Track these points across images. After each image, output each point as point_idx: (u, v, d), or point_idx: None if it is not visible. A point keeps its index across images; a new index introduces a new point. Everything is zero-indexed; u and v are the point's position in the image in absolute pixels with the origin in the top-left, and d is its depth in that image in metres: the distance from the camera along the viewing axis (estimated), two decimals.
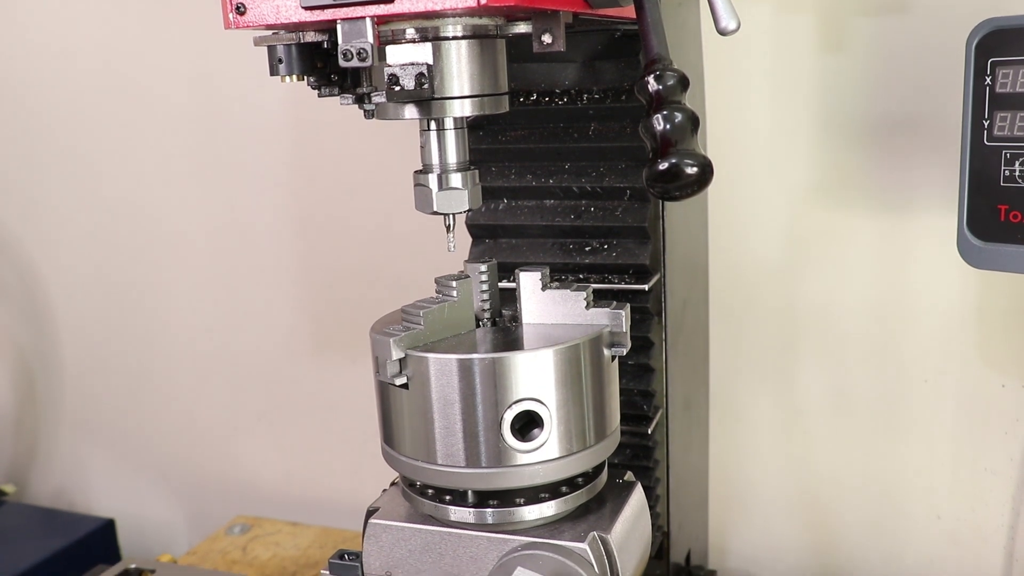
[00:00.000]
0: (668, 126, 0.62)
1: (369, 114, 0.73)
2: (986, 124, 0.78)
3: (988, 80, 0.78)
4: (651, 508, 0.84)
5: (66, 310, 1.67)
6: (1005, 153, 0.78)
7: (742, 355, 1.23)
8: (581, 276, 0.89)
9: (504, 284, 0.81)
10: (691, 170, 0.63)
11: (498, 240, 0.93)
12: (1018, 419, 1.15)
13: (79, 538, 1.47)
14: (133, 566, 1.16)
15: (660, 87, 0.63)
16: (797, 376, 1.22)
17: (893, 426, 1.20)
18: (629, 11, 0.68)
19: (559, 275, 0.88)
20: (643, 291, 0.88)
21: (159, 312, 1.59)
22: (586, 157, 0.89)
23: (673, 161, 0.62)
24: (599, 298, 0.75)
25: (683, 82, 0.64)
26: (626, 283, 0.88)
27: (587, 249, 0.90)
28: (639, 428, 0.91)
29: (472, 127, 0.87)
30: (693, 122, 0.63)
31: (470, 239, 0.95)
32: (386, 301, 0.81)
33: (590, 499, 0.76)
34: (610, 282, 0.89)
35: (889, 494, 1.23)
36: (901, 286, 1.16)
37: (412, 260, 1.35)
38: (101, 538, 1.50)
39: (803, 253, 1.18)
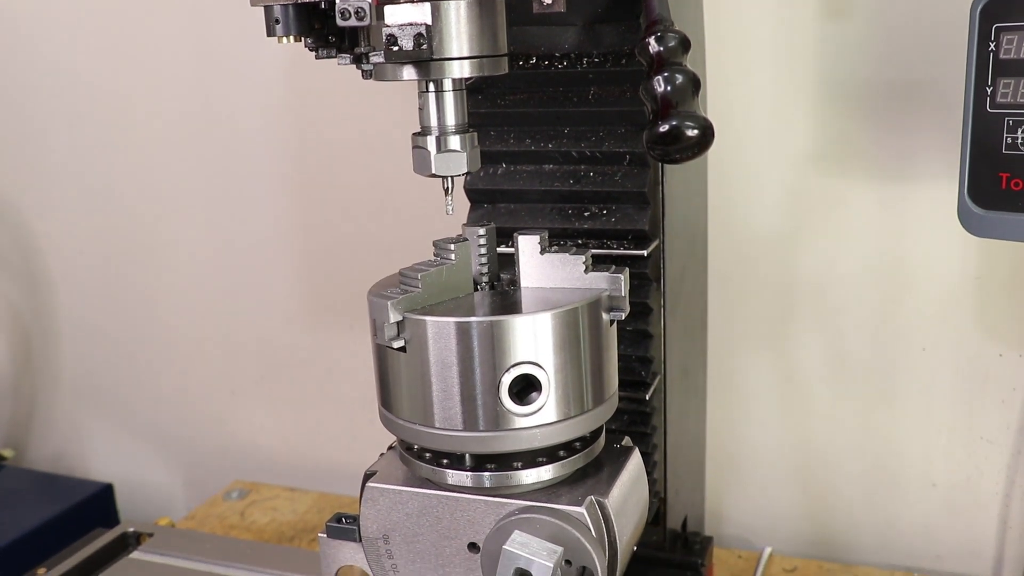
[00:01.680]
0: (669, 87, 0.62)
1: (367, 75, 0.72)
2: (989, 91, 0.78)
3: (992, 46, 0.77)
4: (648, 474, 0.84)
5: (63, 276, 1.67)
6: (1008, 120, 0.77)
7: (740, 322, 1.23)
8: (580, 241, 0.89)
9: (502, 249, 0.81)
10: (692, 132, 0.62)
11: (496, 205, 0.93)
12: (1015, 388, 1.16)
13: (77, 502, 1.48)
14: (131, 530, 1.16)
15: (661, 48, 0.63)
16: (795, 344, 1.22)
17: (890, 394, 1.21)
18: None
19: (558, 240, 0.87)
20: (642, 257, 0.87)
21: (156, 278, 1.59)
22: (585, 121, 0.88)
23: (673, 123, 0.62)
24: (598, 263, 0.75)
25: (684, 44, 0.64)
26: (625, 249, 0.88)
27: (586, 214, 0.90)
28: (637, 394, 0.91)
29: (471, 91, 0.86)
30: (694, 84, 0.63)
31: (468, 204, 0.94)
32: (383, 267, 0.80)
33: (588, 464, 0.76)
34: (609, 247, 0.88)
35: (885, 462, 1.24)
36: (900, 254, 1.15)
37: (410, 226, 1.35)
38: (99, 503, 1.51)
39: (802, 221, 1.18)
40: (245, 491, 1.50)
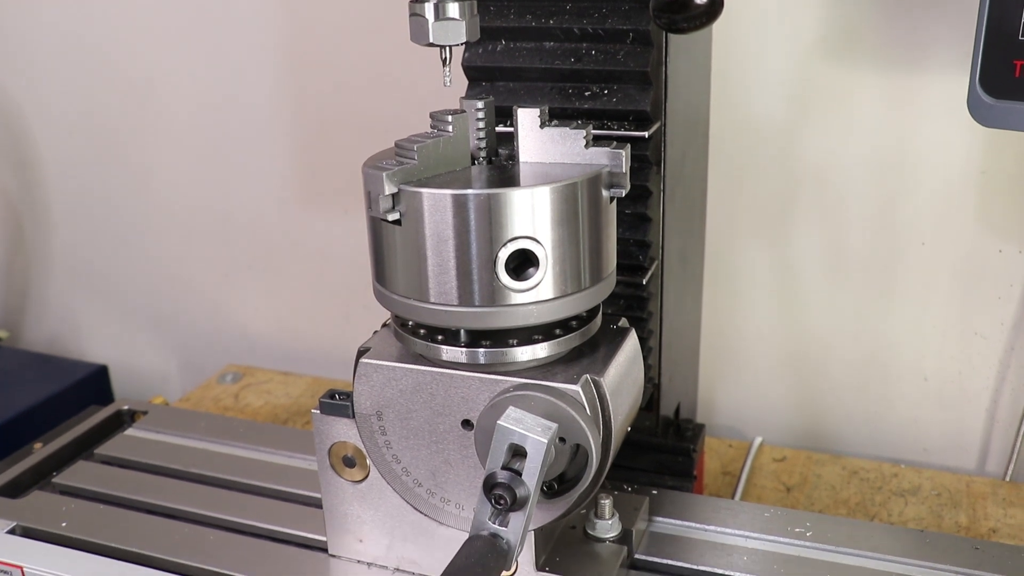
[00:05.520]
0: None
1: None
2: None
3: None
4: (643, 359, 0.83)
5: (52, 156, 1.64)
6: None
7: (739, 211, 1.22)
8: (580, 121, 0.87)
9: (501, 128, 0.79)
10: (699, 0, 0.60)
11: (495, 83, 0.90)
12: (1012, 284, 1.15)
13: (73, 383, 1.48)
14: (126, 407, 1.17)
15: None
16: (794, 234, 1.21)
17: (887, 288, 1.20)
18: None
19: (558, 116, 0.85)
20: (643, 138, 0.85)
21: (147, 159, 1.57)
22: None
23: None
24: (598, 142, 0.73)
25: None
26: (625, 130, 0.86)
27: (586, 94, 0.87)
28: (634, 278, 0.90)
29: None
30: None
31: (466, 82, 0.92)
32: (379, 148, 0.78)
33: (583, 343, 0.75)
34: (609, 128, 0.86)
35: (878, 355, 1.24)
36: (905, 147, 1.14)
37: (406, 106, 1.32)
38: (95, 383, 1.52)
39: (806, 109, 1.16)
40: (239, 374, 1.51)
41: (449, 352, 0.72)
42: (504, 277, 0.68)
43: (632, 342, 0.80)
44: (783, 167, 1.19)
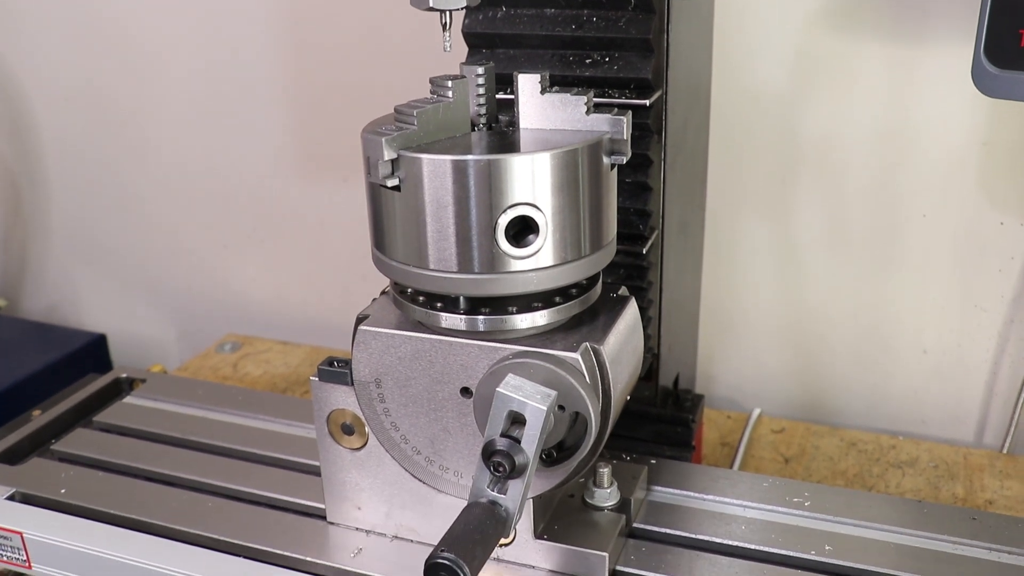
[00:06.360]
0: None
1: None
2: None
3: None
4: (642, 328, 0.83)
5: (50, 125, 1.63)
6: None
7: (740, 182, 1.22)
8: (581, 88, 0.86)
9: (501, 96, 0.79)
10: None
11: (495, 50, 0.90)
12: (1013, 256, 1.15)
13: (72, 351, 1.48)
14: (124, 375, 1.17)
15: None
16: (794, 206, 1.21)
17: (887, 260, 1.20)
18: None
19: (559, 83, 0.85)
20: (644, 107, 0.85)
21: (146, 127, 1.56)
22: None
23: None
24: (599, 111, 0.73)
25: None
26: (626, 98, 0.85)
27: (587, 61, 0.87)
28: (634, 248, 0.90)
29: None
30: None
31: (467, 50, 0.91)
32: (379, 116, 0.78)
33: (583, 311, 0.75)
34: (610, 96, 0.86)
35: (878, 327, 1.24)
36: (906, 117, 1.13)
37: (405, 73, 1.31)
38: (94, 352, 1.52)
39: (808, 80, 1.15)
40: (238, 344, 1.51)
41: (448, 319, 0.72)
42: (504, 244, 0.67)
43: (632, 311, 0.80)
44: (784, 138, 1.18)
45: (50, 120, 1.62)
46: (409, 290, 0.75)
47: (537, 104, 0.72)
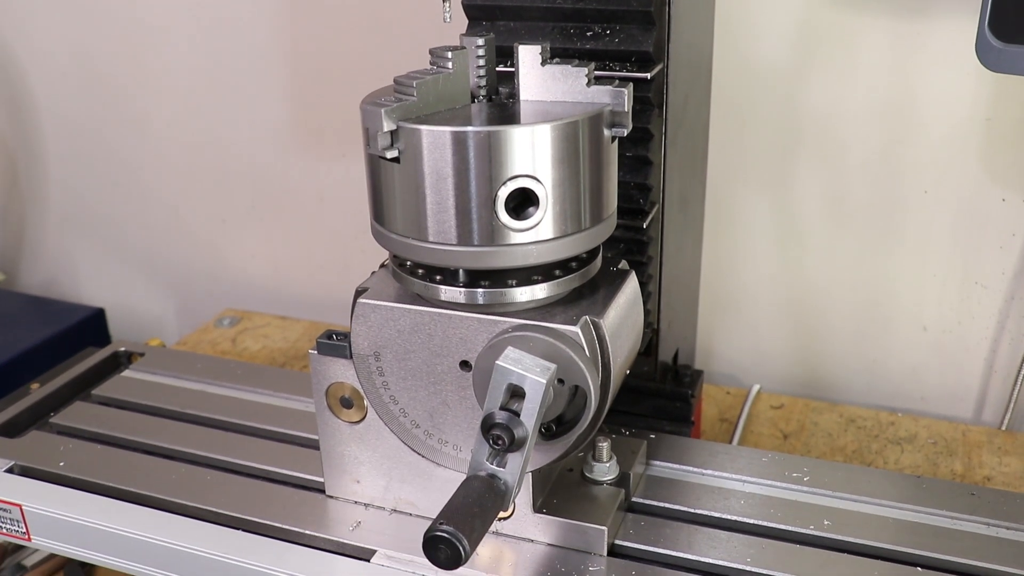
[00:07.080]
0: None
1: None
2: None
3: None
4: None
5: (46, 98, 1.62)
6: None
7: (741, 157, 1.21)
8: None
9: (501, 69, 0.78)
10: None
11: (496, 23, 0.89)
12: (1015, 233, 1.15)
13: (70, 325, 1.48)
14: (123, 349, 1.17)
15: None
16: (795, 181, 1.20)
17: (888, 236, 1.20)
18: None
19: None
20: (645, 80, 0.84)
21: (143, 101, 1.55)
22: None
23: None
24: (599, 84, 0.72)
25: None
26: (627, 71, 0.85)
27: (588, 34, 0.86)
28: (634, 222, 0.89)
29: None
30: None
31: (466, 22, 0.90)
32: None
33: (583, 284, 0.75)
34: (611, 70, 0.85)
35: (878, 304, 1.24)
36: (910, 93, 1.12)
37: (405, 47, 1.30)
38: (92, 326, 1.51)
39: (811, 54, 1.14)
40: (236, 319, 1.51)
41: (447, 292, 0.72)
42: (504, 216, 0.67)
43: (632, 285, 0.79)
44: (786, 112, 1.17)
45: (47, 94, 1.62)
46: (408, 263, 0.75)
47: (537, 76, 0.71)
